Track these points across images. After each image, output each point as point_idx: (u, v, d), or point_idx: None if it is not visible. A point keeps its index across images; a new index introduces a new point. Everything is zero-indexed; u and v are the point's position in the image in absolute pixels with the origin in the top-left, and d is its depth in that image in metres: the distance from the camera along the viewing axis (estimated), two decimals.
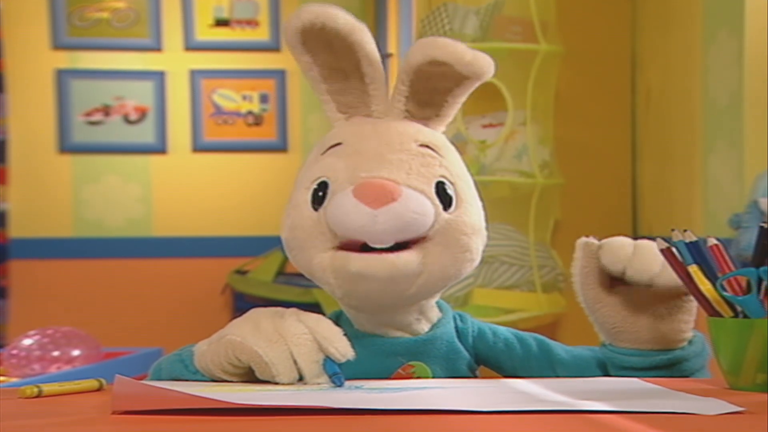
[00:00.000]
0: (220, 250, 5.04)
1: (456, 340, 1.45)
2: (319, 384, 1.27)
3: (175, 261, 5.04)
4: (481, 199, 1.42)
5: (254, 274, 4.87)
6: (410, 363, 1.41)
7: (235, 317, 4.22)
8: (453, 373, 1.44)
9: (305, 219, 1.36)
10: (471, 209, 1.38)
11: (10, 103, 4.93)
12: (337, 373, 1.27)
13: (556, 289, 3.37)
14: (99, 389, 1.34)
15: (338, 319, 1.41)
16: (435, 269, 1.35)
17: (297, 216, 1.38)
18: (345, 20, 1.36)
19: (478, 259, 1.40)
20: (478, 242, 1.39)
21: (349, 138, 1.37)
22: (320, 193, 1.35)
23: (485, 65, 1.37)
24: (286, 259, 4.80)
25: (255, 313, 1.33)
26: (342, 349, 1.27)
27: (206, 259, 5.03)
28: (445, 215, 1.35)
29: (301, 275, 1.44)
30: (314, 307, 1.37)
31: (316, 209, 1.35)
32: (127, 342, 3.79)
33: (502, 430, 1.05)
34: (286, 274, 4.80)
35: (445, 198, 1.35)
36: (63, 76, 5.05)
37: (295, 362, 1.26)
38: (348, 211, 1.30)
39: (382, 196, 1.29)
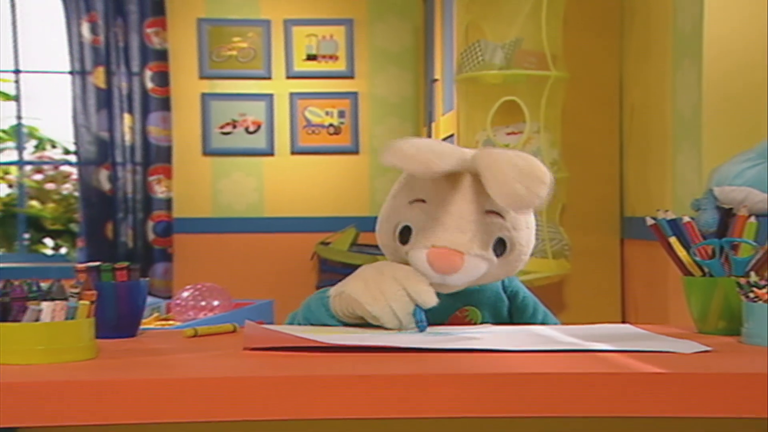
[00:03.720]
0: (310, 226, 5.05)
1: (501, 290, 1.46)
2: (411, 328, 1.28)
3: (279, 235, 5.07)
4: None
5: (334, 244, 4.87)
6: (465, 307, 1.42)
7: (320, 278, 4.22)
8: (497, 316, 1.45)
9: (389, 246, 1.40)
10: (522, 248, 1.37)
11: (174, 119, 4.98)
12: (422, 320, 1.28)
13: (563, 257, 3.34)
14: (233, 331, 1.37)
15: None
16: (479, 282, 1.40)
17: (386, 237, 1.40)
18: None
19: (521, 265, 1.41)
20: (523, 264, 1.41)
21: (432, 199, 1.34)
22: (405, 233, 1.36)
23: (528, 205, 1.27)
24: (358, 234, 4.82)
25: (364, 272, 1.34)
26: (427, 299, 1.28)
27: (300, 234, 5.05)
28: (496, 262, 1.35)
29: (369, 245, 1.46)
30: None
31: (402, 242, 1.37)
32: (247, 294, 3.82)
33: (529, 365, 1.05)
34: (358, 245, 4.79)
35: (501, 247, 1.35)
36: (206, 99, 5.07)
37: (394, 314, 1.27)
38: (422, 270, 1.32)
39: (448, 268, 1.31)
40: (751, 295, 1.19)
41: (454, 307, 1.41)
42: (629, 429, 1.02)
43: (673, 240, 1.34)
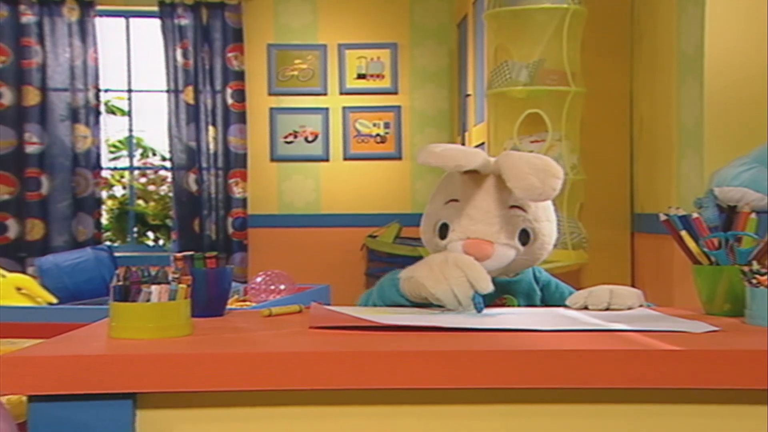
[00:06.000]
0: (360, 222, 5.05)
1: (533, 281, 1.45)
2: (469, 309, 1.27)
3: (333, 229, 5.08)
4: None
5: (381, 237, 4.87)
6: (504, 296, 1.42)
7: (368, 266, 4.19)
8: (530, 303, 1.44)
9: (431, 241, 1.41)
10: (545, 237, 1.38)
11: (248, 130, 5.03)
12: (480, 303, 1.27)
13: (581, 248, 3.32)
14: (299, 312, 1.37)
15: None
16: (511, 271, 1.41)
17: (428, 234, 1.41)
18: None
19: (545, 253, 1.41)
20: (546, 252, 1.40)
21: (464, 198, 1.36)
22: (443, 229, 1.37)
23: (544, 195, 1.28)
24: (401, 228, 4.81)
25: (431, 259, 1.32)
26: (485, 285, 1.27)
27: (351, 228, 5.05)
28: (522, 250, 1.36)
29: (411, 238, 1.45)
30: (419, 259, 1.35)
31: (441, 238, 1.38)
32: (307, 279, 3.82)
33: (558, 343, 1.04)
34: (401, 238, 4.77)
35: (525, 237, 1.35)
36: (273, 113, 5.10)
37: (455, 296, 1.26)
38: None
39: (481, 256, 1.32)
40: (754, 281, 1.18)
41: (496, 295, 1.41)
42: (648, 399, 1.01)
43: (684, 233, 1.32)
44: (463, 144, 4.57)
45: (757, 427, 1.00)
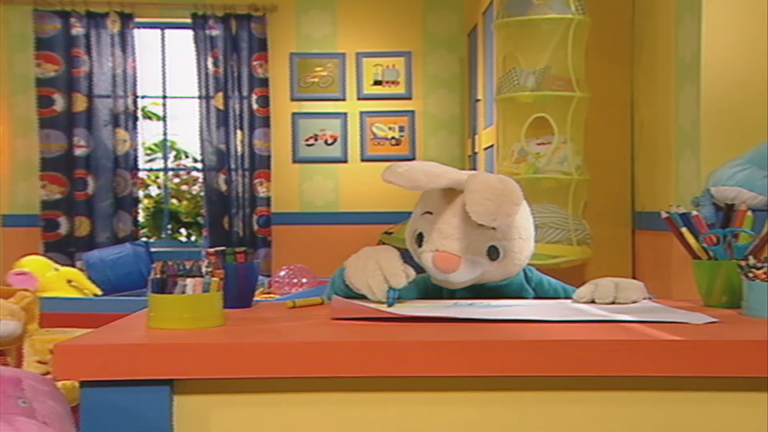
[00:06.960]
0: (376, 219, 5.04)
1: (524, 282, 1.43)
2: (385, 302, 1.26)
3: (351, 226, 5.07)
4: (526, 201, 1.35)
5: (396, 234, 4.85)
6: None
7: None
8: None
9: (411, 246, 1.40)
10: (515, 254, 1.34)
11: (272, 133, 5.04)
12: (392, 298, 1.26)
13: (585, 244, 3.30)
14: (321, 304, 1.36)
15: None
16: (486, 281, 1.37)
17: (409, 240, 1.41)
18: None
19: (517, 268, 1.37)
20: (519, 266, 1.37)
21: (437, 212, 1.33)
22: (419, 237, 1.36)
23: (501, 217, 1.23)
24: None
25: (362, 251, 1.33)
26: (397, 282, 1.26)
27: (368, 225, 5.04)
28: (492, 264, 1.33)
29: None
30: None
31: (419, 245, 1.36)
32: (326, 273, 3.81)
33: (566, 333, 1.04)
34: None
35: (495, 253, 1.32)
36: (295, 117, 5.12)
37: (371, 288, 1.26)
38: (429, 270, 1.34)
39: (447, 269, 1.30)
40: (750, 275, 1.17)
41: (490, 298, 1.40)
42: (651, 387, 1.00)
43: (684, 230, 1.32)
44: (473, 147, 4.56)
45: (755, 413, 0.99)
